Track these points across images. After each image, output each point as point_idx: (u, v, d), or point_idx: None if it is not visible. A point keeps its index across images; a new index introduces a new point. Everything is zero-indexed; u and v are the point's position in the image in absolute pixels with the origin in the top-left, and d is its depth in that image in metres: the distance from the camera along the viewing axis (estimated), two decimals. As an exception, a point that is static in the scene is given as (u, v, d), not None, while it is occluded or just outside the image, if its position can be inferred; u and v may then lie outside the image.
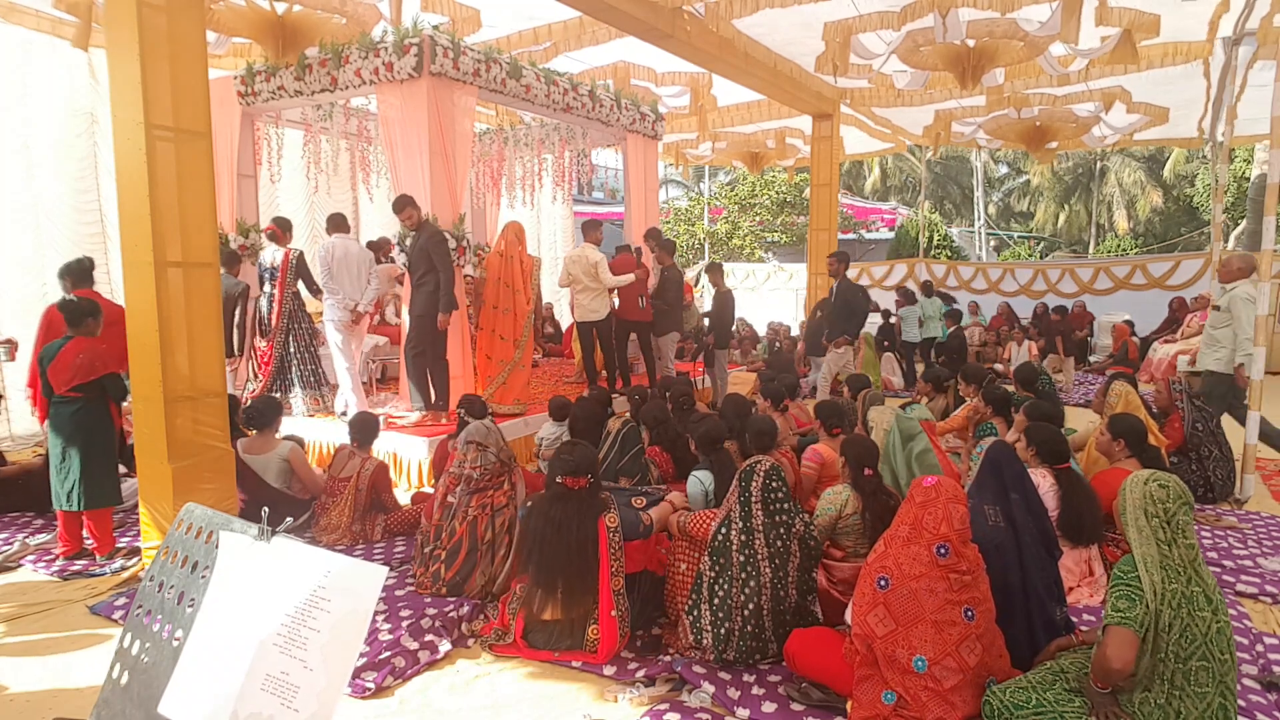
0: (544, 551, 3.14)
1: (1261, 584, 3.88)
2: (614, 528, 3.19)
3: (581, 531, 3.13)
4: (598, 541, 3.15)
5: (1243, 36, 6.59)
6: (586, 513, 3.18)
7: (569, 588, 3.11)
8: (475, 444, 3.92)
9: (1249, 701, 2.82)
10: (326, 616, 1.67)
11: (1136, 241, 25.68)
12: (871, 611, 2.59)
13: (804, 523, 3.19)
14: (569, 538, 3.12)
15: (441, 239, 5.95)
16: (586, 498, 3.22)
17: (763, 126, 11.72)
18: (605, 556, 3.15)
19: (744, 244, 21.88)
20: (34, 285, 6.96)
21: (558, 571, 3.11)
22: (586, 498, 3.22)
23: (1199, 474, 5.28)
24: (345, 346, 6.27)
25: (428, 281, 5.90)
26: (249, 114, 7.38)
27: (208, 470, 4.02)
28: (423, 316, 5.93)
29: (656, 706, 2.81)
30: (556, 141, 9.30)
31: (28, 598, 3.82)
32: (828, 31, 6.88)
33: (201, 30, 4.06)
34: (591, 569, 3.13)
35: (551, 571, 3.12)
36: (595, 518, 3.19)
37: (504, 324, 6.45)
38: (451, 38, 6.15)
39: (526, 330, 6.43)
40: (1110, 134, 11.13)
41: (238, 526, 1.86)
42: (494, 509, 3.78)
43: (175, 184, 3.85)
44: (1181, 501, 2.29)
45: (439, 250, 5.89)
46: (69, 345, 4.14)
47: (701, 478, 3.78)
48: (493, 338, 6.49)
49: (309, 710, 1.62)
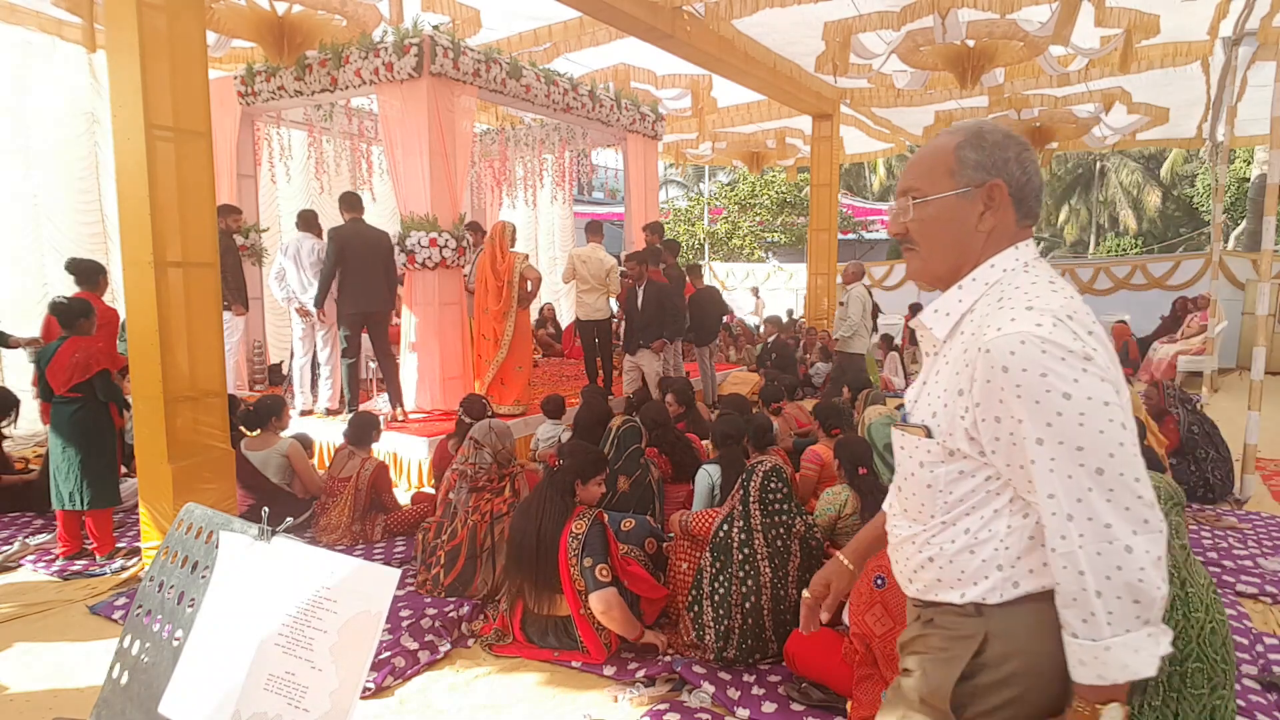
0: (513, 533, 3.24)
1: (1261, 584, 3.88)
2: (577, 533, 3.13)
3: (545, 523, 3.14)
4: (559, 541, 3.13)
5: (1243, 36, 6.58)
6: (553, 508, 3.17)
7: (534, 580, 3.14)
8: (474, 441, 3.93)
9: (1249, 701, 2.82)
10: (334, 617, 1.67)
11: (1136, 241, 25.68)
12: (869, 611, 2.59)
13: (805, 523, 3.19)
14: (532, 530, 3.14)
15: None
16: (555, 492, 3.20)
17: (763, 126, 11.72)
18: (564, 557, 3.10)
19: (744, 244, 21.88)
20: (34, 285, 6.97)
21: (524, 555, 3.15)
22: (555, 492, 3.20)
23: (1198, 475, 5.29)
24: (304, 338, 6.44)
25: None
26: (249, 114, 7.38)
27: (208, 470, 4.02)
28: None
29: (656, 706, 2.81)
30: (556, 141, 9.30)
31: (28, 598, 3.82)
32: (828, 31, 6.88)
33: (201, 30, 4.06)
34: (554, 565, 3.13)
35: (519, 553, 3.17)
36: (563, 518, 3.16)
37: (486, 324, 6.46)
38: (451, 38, 6.15)
39: (509, 330, 6.38)
40: (1110, 135, 11.12)
41: (238, 526, 1.86)
42: (494, 516, 3.76)
43: (175, 184, 3.86)
44: (1173, 502, 2.29)
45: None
46: (65, 345, 4.15)
47: (710, 471, 3.80)
48: (481, 340, 6.48)
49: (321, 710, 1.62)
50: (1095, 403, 1.10)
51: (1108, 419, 1.10)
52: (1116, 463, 1.09)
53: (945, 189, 1.26)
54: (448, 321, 6.40)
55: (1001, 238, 1.27)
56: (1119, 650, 1.08)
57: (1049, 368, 1.10)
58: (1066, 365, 1.10)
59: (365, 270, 5.97)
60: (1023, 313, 1.16)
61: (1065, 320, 1.14)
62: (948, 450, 1.23)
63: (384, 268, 6.06)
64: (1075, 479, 1.10)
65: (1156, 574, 1.09)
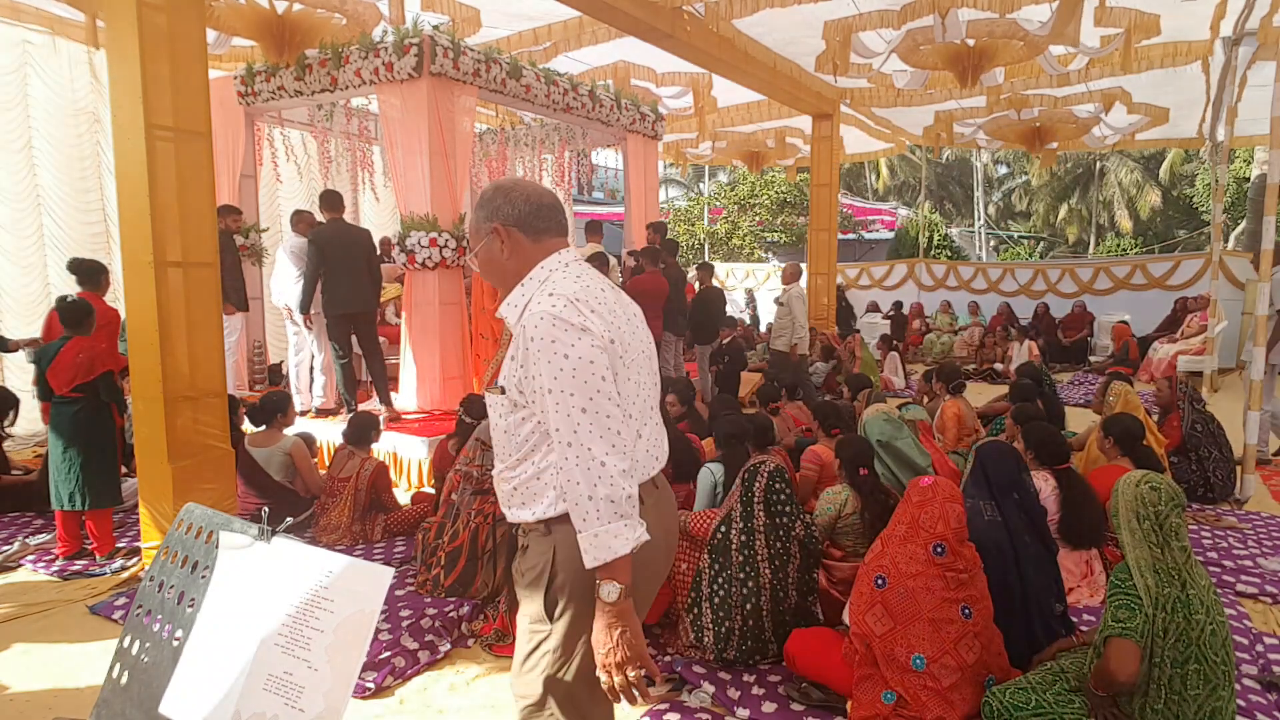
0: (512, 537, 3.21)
1: (1261, 584, 3.88)
2: None
3: None
4: None
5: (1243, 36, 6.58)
6: None
7: None
8: (480, 442, 3.93)
9: (1249, 701, 2.82)
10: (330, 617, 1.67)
11: (1136, 241, 25.67)
12: (869, 610, 2.59)
13: (804, 525, 3.19)
14: None
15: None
16: None
17: (763, 126, 11.72)
18: None
19: (744, 244, 21.87)
20: (36, 285, 6.97)
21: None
22: None
23: (1199, 474, 5.28)
24: (296, 340, 6.49)
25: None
26: (249, 114, 7.38)
27: (208, 470, 4.02)
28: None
29: (656, 706, 2.81)
30: (556, 141, 9.30)
31: (28, 598, 3.82)
32: (828, 30, 6.88)
33: (201, 30, 4.06)
34: None
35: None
36: None
37: (483, 323, 6.46)
38: (451, 38, 6.15)
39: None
40: (1110, 135, 11.12)
41: (238, 526, 1.86)
42: (496, 519, 3.76)
43: (175, 184, 3.85)
44: (1174, 504, 2.27)
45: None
46: (69, 345, 4.15)
47: (713, 469, 3.79)
48: (479, 339, 6.49)
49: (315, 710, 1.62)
50: (584, 361, 1.51)
51: (592, 373, 1.51)
52: (596, 404, 1.50)
53: (479, 241, 1.76)
54: (448, 321, 6.39)
55: (528, 253, 1.71)
56: (604, 537, 1.49)
57: (556, 335, 1.52)
58: (568, 334, 1.52)
59: (348, 271, 5.90)
60: (546, 297, 1.58)
61: (574, 302, 1.56)
62: (513, 403, 1.64)
63: (366, 266, 6.01)
64: (570, 416, 1.50)
65: (624, 481, 1.50)
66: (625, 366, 1.63)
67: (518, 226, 1.71)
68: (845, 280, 15.76)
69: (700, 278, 8.59)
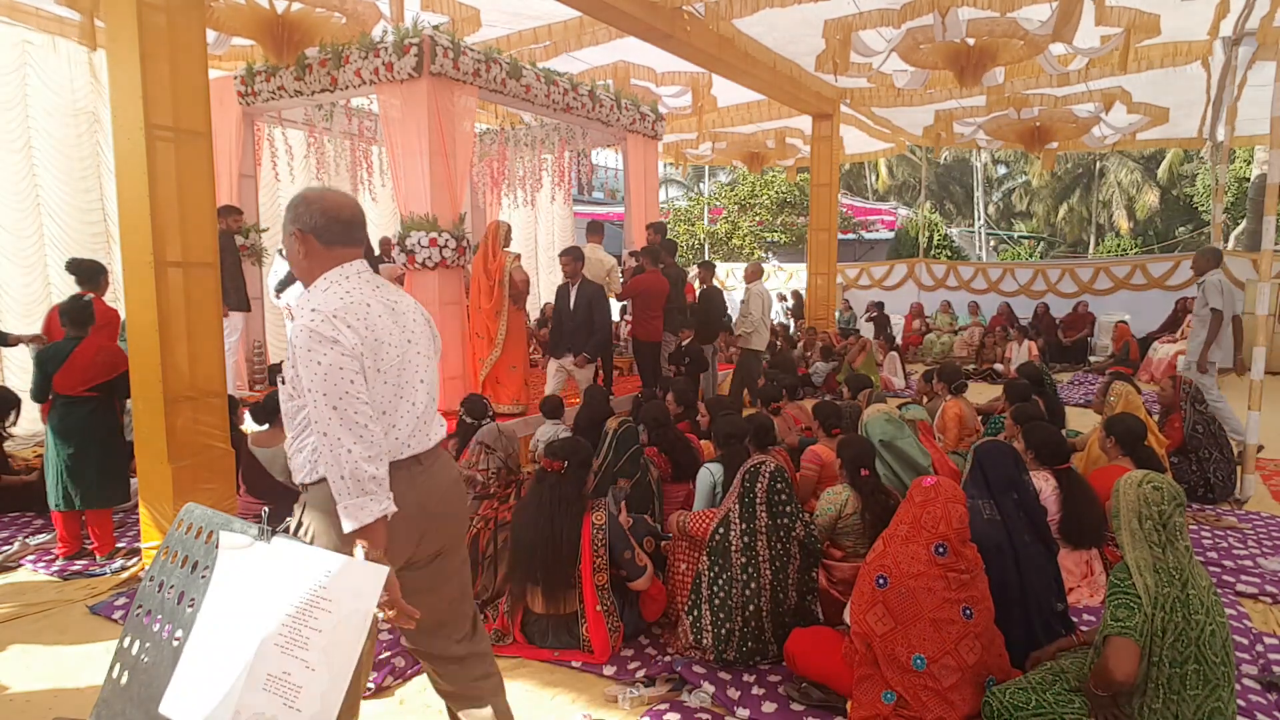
0: (521, 536, 3.20)
1: (1261, 584, 3.88)
2: (600, 525, 3.18)
3: (559, 522, 3.14)
4: (579, 536, 3.15)
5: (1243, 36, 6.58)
6: (568, 506, 3.18)
7: (548, 578, 3.13)
8: (484, 446, 3.92)
9: (1249, 701, 2.82)
10: (328, 616, 1.67)
11: (1136, 241, 25.67)
12: (870, 610, 2.59)
13: (805, 526, 3.18)
14: (544, 526, 3.14)
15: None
16: (569, 489, 3.21)
17: (763, 126, 11.71)
18: (587, 552, 3.14)
19: (744, 244, 21.86)
20: (37, 285, 6.97)
21: (536, 558, 3.13)
22: (569, 489, 3.21)
23: (1199, 475, 5.28)
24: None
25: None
26: (249, 114, 7.38)
27: (208, 470, 4.02)
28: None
29: (656, 706, 2.81)
30: (556, 141, 9.29)
31: (28, 598, 3.82)
32: (828, 29, 6.88)
33: (201, 30, 4.06)
34: (570, 562, 3.13)
35: (530, 556, 3.15)
36: (579, 513, 3.19)
37: (479, 322, 6.44)
38: (451, 38, 6.14)
39: (502, 328, 6.36)
40: (1110, 134, 11.12)
41: (238, 526, 1.86)
42: (497, 524, 3.76)
43: (175, 184, 3.85)
44: (1176, 504, 2.27)
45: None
46: (85, 345, 4.17)
47: (712, 469, 3.79)
48: (476, 338, 6.47)
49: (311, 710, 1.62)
50: (335, 368, 1.80)
51: (340, 377, 1.81)
52: (345, 403, 1.80)
53: (289, 239, 2.01)
54: (448, 321, 6.38)
55: (320, 258, 1.97)
56: (353, 509, 1.79)
57: (311, 346, 1.81)
58: (320, 345, 1.81)
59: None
60: (309, 311, 1.86)
61: (330, 317, 1.84)
62: (290, 393, 1.94)
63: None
64: (323, 411, 1.80)
65: (367, 465, 1.80)
66: (381, 371, 1.92)
67: (314, 234, 1.97)
68: (845, 280, 15.76)
69: (702, 276, 8.58)
